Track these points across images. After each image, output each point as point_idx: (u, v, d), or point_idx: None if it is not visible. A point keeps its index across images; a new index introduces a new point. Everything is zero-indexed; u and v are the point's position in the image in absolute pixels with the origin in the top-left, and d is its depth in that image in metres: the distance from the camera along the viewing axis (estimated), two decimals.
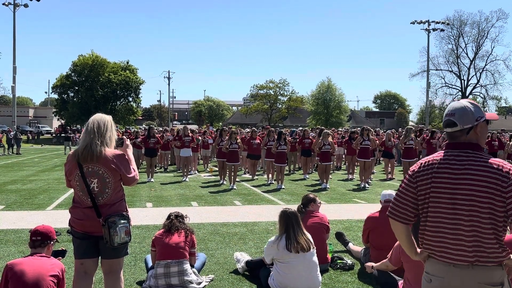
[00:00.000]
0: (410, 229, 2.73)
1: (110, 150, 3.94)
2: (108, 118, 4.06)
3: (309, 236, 5.09)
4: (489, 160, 2.53)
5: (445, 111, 2.74)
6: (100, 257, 4.07)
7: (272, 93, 58.99)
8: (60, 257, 4.52)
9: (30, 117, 69.46)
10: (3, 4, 42.57)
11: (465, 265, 2.50)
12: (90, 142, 3.87)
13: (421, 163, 2.69)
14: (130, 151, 4.17)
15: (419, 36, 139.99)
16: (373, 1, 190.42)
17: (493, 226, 2.46)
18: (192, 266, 5.22)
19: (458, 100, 2.79)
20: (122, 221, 3.85)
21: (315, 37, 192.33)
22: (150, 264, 5.37)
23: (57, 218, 8.76)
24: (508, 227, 2.56)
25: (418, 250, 2.74)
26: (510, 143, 15.33)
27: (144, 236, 7.48)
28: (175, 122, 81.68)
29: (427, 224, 2.62)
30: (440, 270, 2.59)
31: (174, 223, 5.28)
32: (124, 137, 4.38)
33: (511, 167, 2.51)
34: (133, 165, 4.06)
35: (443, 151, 2.68)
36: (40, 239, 4.16)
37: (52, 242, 4.26)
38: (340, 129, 26.62)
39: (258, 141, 16.07)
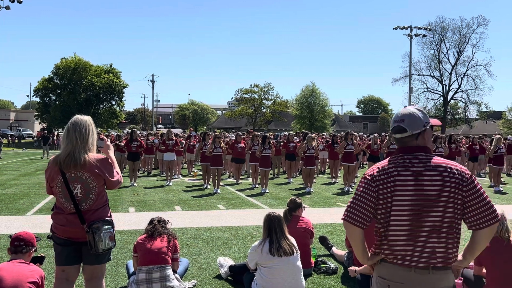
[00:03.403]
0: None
1: (93, 155, 3.86)
2: (88, 121, 3.94)
3: (292, 240, 5.08)
4: (445, 161, 2.63)
5: (393, 118, 2.80)
6: (82, 264, 4.00)
7: (257, 97, 59.02)
8: (38, 264, 4.43)
9: (11, 121, 68.31)
10: None
11: (425, 270, 2.53)
12: (72, 150, 3.78)
13: (379, 167, 2.70)
14: (111, 152, 4.09)
15: (401, 42, 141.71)
16: (356, 7, 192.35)
17: (455, 225, 2.54)
18: (174, 271, 5.16)
19: (405, 106, 2.82)
20: (106, 227, 3.79)
21: (300, 42, 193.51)
22: (131, 269, 5.31)
23: (37, 223, 8.62)
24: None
25: (369, 254, 2.75)
26: (491, 148, 15.56)
27: (126, 241, 7.39)
28: (159, 126, 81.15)
29: (389, 228, 2.61)
30: (399, 276, 2.59)
31: (157, 228, 5.22)
32: (105, 137, 4.29)
33: (462, 167, 2.64)
34: (116, 168, 4.00)
35: (393, 156, 2.74)
36: (22, 245, 4.09)
37: (33, 249, 4.19)
38: (325, 134, 26.70)
39: (243, 145, 16.06)
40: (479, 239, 2.57)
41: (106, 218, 3.87)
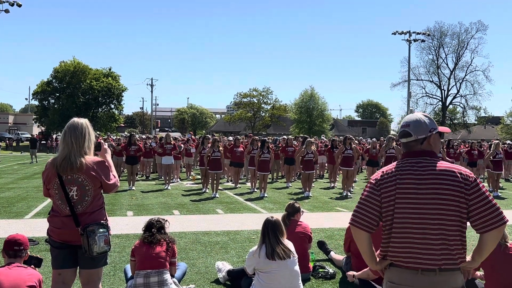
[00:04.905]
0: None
1: (90, 158, 3.86)
2: (84, 124, 3.92)
3: (289, 245, 5.04)
4: (448, 165, 2.64)
5: (401, 123, 2.86)
6: (78, 267, 3.99)
7: (256, 101, 59.12)
8: (33, 266, 4.40)
9: (10, 124, 68.32)
10: None
11: (432, 271, 2.54)
12: (68, 153, 3.79)
13: (383, 172, 2.75)
14: (108, 156, 4.09)
15: (400, 47, 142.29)
16: (355, 12, 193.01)
17: (459, 228, 2.55)
18: (172, 276, 5.14)
19: (411, 112, 2.87)
20: (101, 230, 3.78)
21: (299, 46, 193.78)
22: (129, 274, 5.28)
23: (35, 227, 8.60)
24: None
25: (377, 259, 2.77)
26: (490, 153, 15.58)
27: (124, 246, 7.37)
28: (157, 129, 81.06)
29: (393, 231, 2.64)
30: (407, 279, 2.60)
31: (155, 236, 5.14)
32: (102, 141, 4.29)
33: (467, 170, 2.63)
34: (113, 171, 3.99)
35: (398, 161, 2.78)
36: (22, 249, 4.08)
37: (28, 252, 4.19)
38: (324, 138, 26.67)
39: (242, 149, 16.05)
40: (486, 241, 2.58)
41: (102, 222, 3.85)
